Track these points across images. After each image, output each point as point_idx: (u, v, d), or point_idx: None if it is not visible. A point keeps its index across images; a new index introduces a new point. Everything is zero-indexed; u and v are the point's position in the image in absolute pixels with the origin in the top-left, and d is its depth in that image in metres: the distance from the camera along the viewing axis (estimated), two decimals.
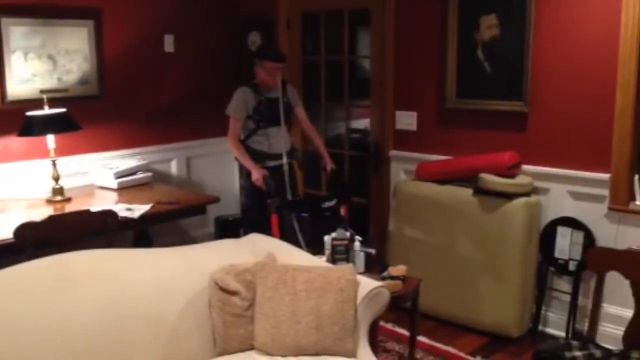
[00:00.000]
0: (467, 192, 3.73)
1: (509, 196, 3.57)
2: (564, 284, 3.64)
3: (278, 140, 4.00)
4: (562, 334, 3.59)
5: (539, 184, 3.65)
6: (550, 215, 3.63)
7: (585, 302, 3.51)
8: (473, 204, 3.69)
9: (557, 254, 3.61)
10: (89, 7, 4.21)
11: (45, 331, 2.08)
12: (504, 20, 3.68)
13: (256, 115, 3.97)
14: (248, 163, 3.92)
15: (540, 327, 3.71)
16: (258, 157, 3.97)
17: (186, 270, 2.52)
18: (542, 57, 3.56)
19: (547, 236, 3.63)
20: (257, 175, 3.81)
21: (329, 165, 4.08)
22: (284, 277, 2.46)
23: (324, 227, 3.22)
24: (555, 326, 3.68)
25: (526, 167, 3.69)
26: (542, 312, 3.71)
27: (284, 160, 3.99)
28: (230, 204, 4.93)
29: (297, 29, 4.81)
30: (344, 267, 2.55)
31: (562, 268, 3.60)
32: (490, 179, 3.60)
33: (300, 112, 4.19)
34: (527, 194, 3.61)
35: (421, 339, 3.63)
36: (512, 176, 3.63)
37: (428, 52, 4.07)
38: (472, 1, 3.79)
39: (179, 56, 4.77)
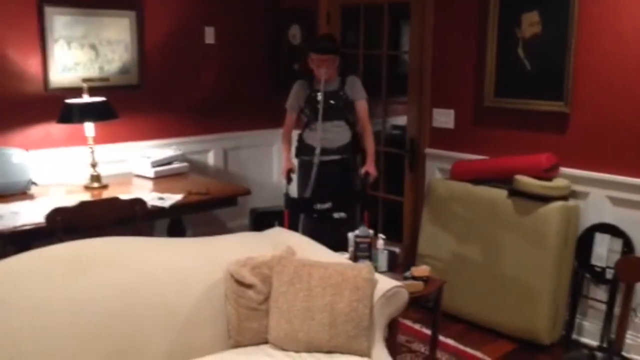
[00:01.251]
0: (501, 194, 3.63)
1: (545, 199, 3.46)
2: (600, 293, 3.50)
3: (325, 134, 3.92)
4: (597, 343, 3.46)
5: (577, 187, 3.52)
6: (588, 220, 3.50)
7: None
8: (507, 206, 3.59)
9: (593, 261, 3.47)
10: None
11: (61, 314, 2.13)
12: (546, 17, 3.55)
13: (306, 109, 3.95)
14: (283, 156, 4.02)
15: (574, 336, 3.58)
16: (309, 150, 3.95)
17: (204, 261, 2.54)
18: (585, 55, 3.42)
19: (584, 242, 3.50)
20: (283, 168, 3.86)
21: (365, 168, 3.92)
22: (300, 272, 2.44)
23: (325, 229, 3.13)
24: (589, 335, 3.54)
25: (565, 170, 3.56)
26: (577, 320, 3.58)
27: (316, 155, 3.90)
28: (267, 196, 4.95)
29: (336, 22, 4.78)
30: (361, 265, 2.52)
31: (598, 276, 3.47)
32: (526, 181, 3.50)
33: (358, 106, 3.97)
34: (564, 198, 3.49)
35: (449, 341, 3.58)
36: (549, 179, 3.52)
37: (467, 49, 3.97)
38: None
39: (219, 48, 4.81)
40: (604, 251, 3.43)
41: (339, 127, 3.95)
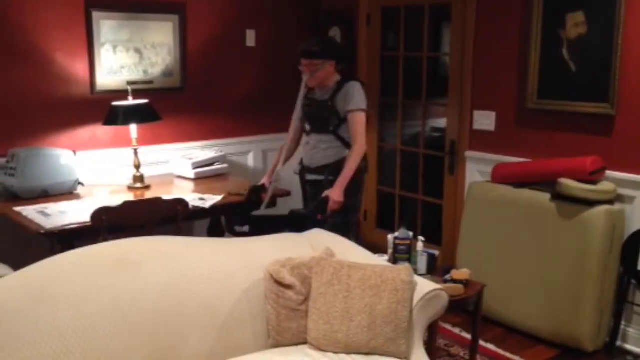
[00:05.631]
0: (544, 197, 3.57)
1: (589, 203, 3.39)
2: None
3: (309, 149, 3.60)
4: None
5: (623, 191, 3.45)
6: (634, 225, 3.42)
7: None
8: (550, 210, 3.53)
9: None
10: (174, 2, 4.37)
11: (105, 311, 2.17)
12: (592, 18, 3.49)
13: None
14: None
15: (618, 343, 3.51)
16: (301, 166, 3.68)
17: (244, 261, 2.56)
18: (632, 56, 3.35)
19: (630, 247, 3.42)
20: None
21: (327, 191, 3.38)
22: (339, 274, 2.45)
23: None
24: (635, 342, 3.46)
25: (610, 174, 3.48)
26: (622, 327, 3.50)
27: (280, 173, 3.65)
28: None
29: (377, 24, 4.78)
30: (401, 267, 2.50)
31: None
32: (570, 184, 3.43)
33: (348, 118, 3.41)
34: (609, 202, 3.42)
35: (488, 346, 3.54)
36: (594, 182, 3.45)
37: (509, 50, 3.92)
38: None
39: (259, 51, 4.86)
40: None
41: (325, 142, 3.50)
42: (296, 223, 3.28)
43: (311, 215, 3.35)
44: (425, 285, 2.51)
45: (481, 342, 3.43)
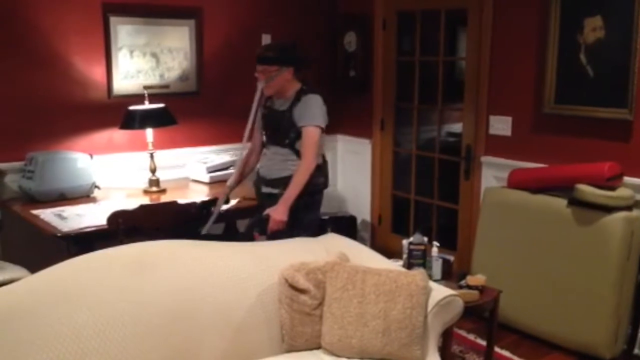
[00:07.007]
0: (561, 203, 3.54)
1: (607, 209, 3.35)
2: None
3: (265, 161, 3.44)
4: None
5: None
6: None
7: None
8: (567, 216, 3.50)
9: None
10: (191, 7, 4.40)
11: (122, 313, 2.18)
12: (610, 22, 3.46)
13: None
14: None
15: (635, 351, 3.46)
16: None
17: (259, 265, 2.56)
18: None
19: None
20: None
21: (269, 209, 3.18)
22: (354, 279, 2.44)
23: None
24: None
25: (628, 180, 3.45)
26: (639, 334, 3.45)
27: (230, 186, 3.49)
28: None
29: (392, 28, 4.77)
30: (416, 272, 2.50)
31: None
32: (588, 190, 3.40)
33: (302, 132, 3.22)
34: (627, 208, 3.37)
35: (503, 352, 3.51)
36: (611, 188, 3.41)
37: (526, 54, 3.90)
38: (575, 2, 3.60)
39: None
40: None
41: (281, 155, 3.32)
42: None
43: (247, 231, 3.09)
44: (440, 291, 2.50)
45: (496, 349, 3.41)
